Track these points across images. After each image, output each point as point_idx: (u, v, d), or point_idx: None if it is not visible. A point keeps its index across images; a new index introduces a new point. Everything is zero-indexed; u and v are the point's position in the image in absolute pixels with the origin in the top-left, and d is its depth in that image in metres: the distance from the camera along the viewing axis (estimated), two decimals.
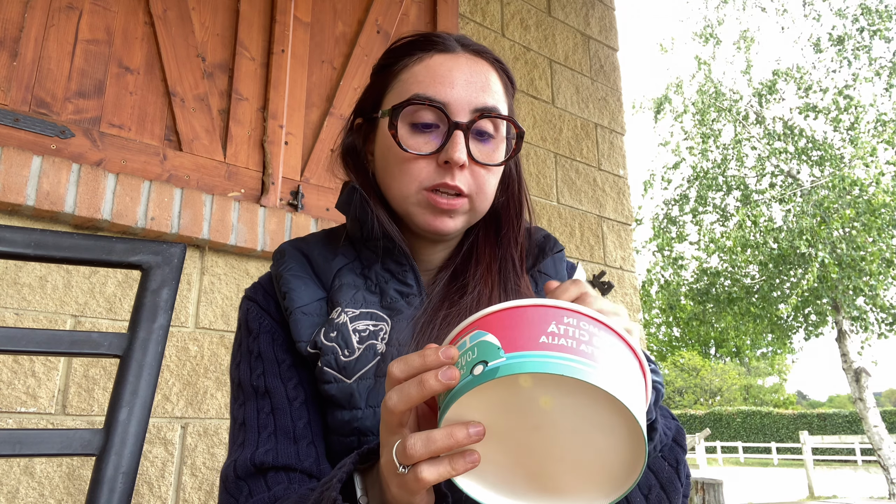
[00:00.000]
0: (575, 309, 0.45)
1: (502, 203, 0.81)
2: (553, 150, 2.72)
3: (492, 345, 0.43)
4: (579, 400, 0.41)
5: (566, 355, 0.41)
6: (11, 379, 1.43)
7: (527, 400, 0.42)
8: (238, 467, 0.68)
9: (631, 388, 0.42)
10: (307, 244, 0.81)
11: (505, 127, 0.77)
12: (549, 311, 0.44)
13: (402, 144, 0.71)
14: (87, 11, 1.73)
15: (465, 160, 0.70)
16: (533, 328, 0.43)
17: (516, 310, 0.45)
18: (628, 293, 2.82)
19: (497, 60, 0.79)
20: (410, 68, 0.75)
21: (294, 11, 2.08)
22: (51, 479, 1.43)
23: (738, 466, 26.33)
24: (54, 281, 1.52)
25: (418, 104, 0.71)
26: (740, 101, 11.47)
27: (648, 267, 11.81)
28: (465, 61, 0.75)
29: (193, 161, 1.80)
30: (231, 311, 1.75)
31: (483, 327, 0.45)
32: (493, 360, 0.42)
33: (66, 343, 0.75)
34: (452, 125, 0.71)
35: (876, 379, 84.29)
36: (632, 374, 0.44)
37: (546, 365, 0.40)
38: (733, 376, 52.73)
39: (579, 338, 0.42)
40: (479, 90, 0.73)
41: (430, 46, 0.76)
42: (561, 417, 0.43)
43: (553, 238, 0.84)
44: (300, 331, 0.72)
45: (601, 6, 3.19)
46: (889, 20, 10.40)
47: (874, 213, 9.07)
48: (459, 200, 0.72)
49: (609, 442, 0.43)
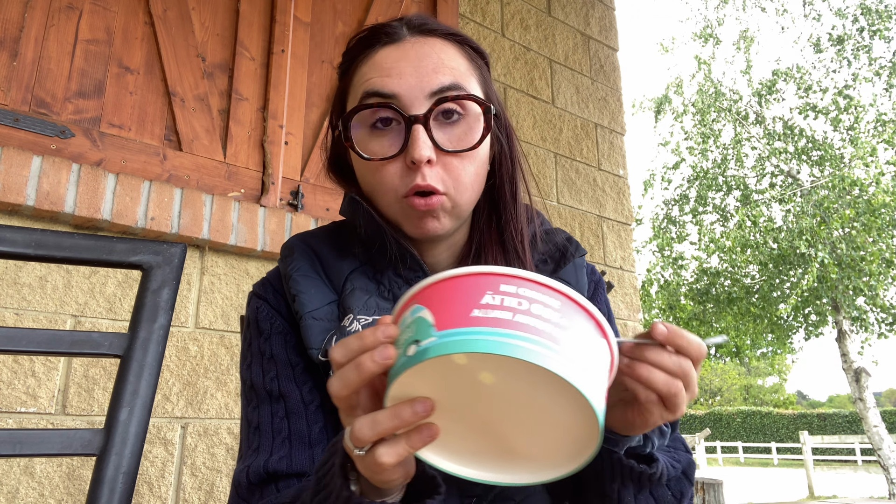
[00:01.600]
0: (515, 274, 0.41)
1: (496, 186, 0.75)
2: (553, 150, 2.73)
3: (426, 322, 0.41)
4: (520, 375, 0.39)
5: (497, 330, 0.38)
6: (11, 379, 1.43)
7: (468, 375, 0.41)
8: (251, 474, 0.67)
9: (576, 357, 0.39)
10: (316, 240, 0.77)
11: (472, 103, 0.69)
12: (484, 279, 0.41)
13: (363, 153, 0.67)
14: (87, 11, 1.73)
15: (431, 155, 0.65)
16: (467, 301, 0.40)
17: (452, 280, 0.42)
18: (628, 293, 2.82)
19: (452, 34, 0.72)
20: (360, 69, 0.70)
21: (294, 11, 2.08)
22: (51, 479, 1.43)
23: (738, 466, 26.34)
24: (54, 281, 1.52)
25: (367, 105, 0.66)
26: (740, 101, 11.47)
27: (648, 267, 11.81)
28: (412, 45, 0.69)
29: (193, 161, 1.80)
30: (231, 311, 1.75)
31: (421, 301, 0.42)
32: (424, 339, 0.39)
33: (67, 343, 0.75)
34: (408, 120, 0.65)
35: (876, 379, 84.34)
36: (581, 341, 0.40)
37: (473, 343, 0.37)
38: (733, 376, 52.72)
39: (517, 307, 0.39)
40: (430, 72, 0.67)
41: (375, 41, 0.70)
42: (507, 391, 0.41)
43: (575, 242, 0.79)
44: (311, 337, 0.69)
45: (601, 6, 3.19)
46: (889, 20, 10.40)
47: (874, 213, 9.07)
48: (436, 198, 0.66)
49: (560, 414, 0.41)
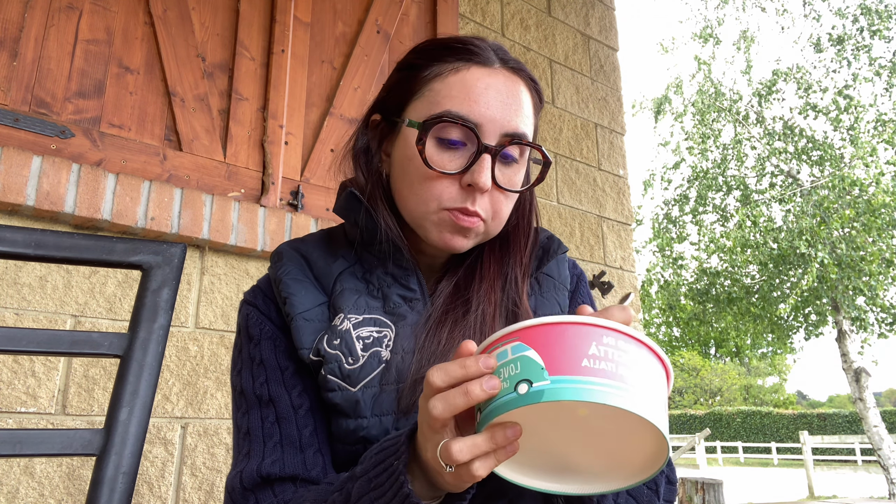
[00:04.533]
0: (612, 327, 0.46)
1: (513, 224, 0.80)
2: (553, 149, 2.73)
3: (535, 363, 0.45)
4: (615, 414, 0.45)
5: (606, 381, 0.44)
6: (11, 379, 1.43)
7: (566, 411, 0.47)
8: (244, 479, 0.67)
9: (658, 402, 0.46)
10: (306, 245, 0.79)
11: (528, 151, 0.75)
12: (589, 330, 0.46)
13: (429, 162, 0.69)
14: (87, 11, 1.73)
15: (490, 186, 0.69)
16: (575, 349, 0.45)
17: (557, 326, 0.46)
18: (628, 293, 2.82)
19: (532, 79, 0.76)
20: (444, 78, 0.71)
21: (294, 11, 2.08)
22: (51, 479, 1.43)
23: (738, 466, 26.33)
24: (54, 281, 1.52)
25: (450, 122, 0.68)
26: (740, 101, 11.47)
27: (648, 267, 11.81)
28: (503, 79, 0.72)
29: (193, 161, 1.80)
30: (231, 311, 1.75)
31: (524, 340, 0.47)
32: (537, 381, 0.44)
33: (67, 343, 0.75)
34: (482, 148, 0.68)
35: (876, 379, 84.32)
36: (658, 385, 0.47)
37: (589, 392, 0.43)
38: (733, 376, 52.71)
39: (618, 360, 0.45)
40: (512, 113, 0.71)
41: (468, 57, 0.72)
42: (594, 424, 0.47)
43: (557, 239, 0.83)
44: (302, 337, 0.70)
45: (601, 6, 3.19)
46: (889, 20, 10.39)
47: (874, 213, 9.06)
48: (477, 220, 0.71)
49: (634, 441, 0.47)
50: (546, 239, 0.82)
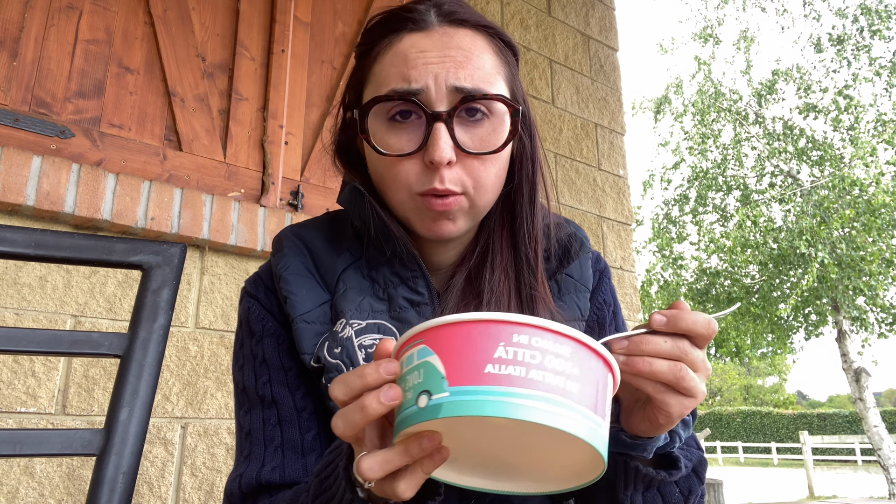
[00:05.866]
0: (525, 322, 0.39)
1: (515, 187, 0.71)
2: (553, 150, 2.72)
3: (436, 371, 0.39)
4: (531, 426, 0.39)
5: (511, 390, 0.37)
6: (11, 379, 1.43)
7: (479, 420, 0.40)
8: (243, 484, 0.66)
9: (585, 404, 0.39)
10: (310, 233, 0.74)
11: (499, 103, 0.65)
12: (495, 327, 0.39)
13: (380, 148, 0.63)
14: (87, 11, 1.73)
15: (451, 157, 0.61)
16: (479, 353, 0.39)
17: (461, 326, 0.40)
18: (628, 293, 2.82)
19: (484, 25, 0.68)
20: (382, 57, 0.65)
21: (294, 11, 2.08)
22: (51, 479, 1.43)
23: (738, 466, 26.33)
24: (54, 281, 1.52)
25: (386, 100, 0.62)
26: (740, 102, 11.47)
27: (648, 267, 11.81)
28: (440, 36, 0.64)
29: (193, 161, 1.80)
30: (231, 312, 1.75)
31: (429, 343, 0.41)
32: (436, 392, 0.39)
33: (67, 343, 0.75)
34: (430, 117, 0.61)
35: (876, 379, 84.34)
36: (589, 385, 0.40)
37: (493, 406, 0.37)
38: (733, 376, 52.72)
39: (529, 362, 0.38)
40: (457, 67, 0.62)
41: (400, 25, 0.65)
42: (517, 432, 0.41)
43: (580, 237, 0.75)
44: (303, 342, 0.67)
45: (601, 6, 3.19)
46: (889, 20, 10.40)
47: (874, 213, 9.06)
48: (453, 199, 0.63)
49: (567, 451, 0.41)
50: (567, 237, 0.74)
